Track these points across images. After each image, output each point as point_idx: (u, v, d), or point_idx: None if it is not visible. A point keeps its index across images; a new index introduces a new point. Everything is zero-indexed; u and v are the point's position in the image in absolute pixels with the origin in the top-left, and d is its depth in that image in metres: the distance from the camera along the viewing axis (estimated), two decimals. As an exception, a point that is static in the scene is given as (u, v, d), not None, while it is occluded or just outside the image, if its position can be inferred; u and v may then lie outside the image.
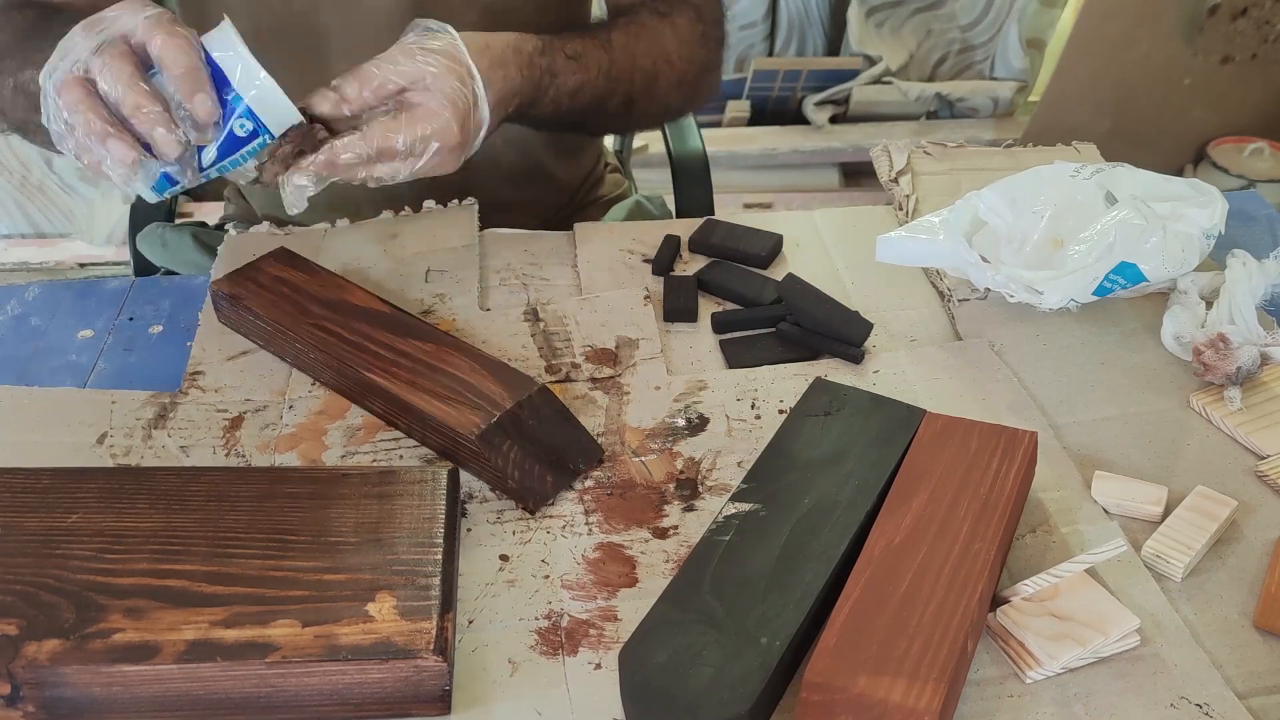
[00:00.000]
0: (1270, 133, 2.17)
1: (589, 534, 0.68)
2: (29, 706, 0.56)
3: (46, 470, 0.66)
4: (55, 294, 0.91)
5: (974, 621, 0.57)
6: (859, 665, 0.54)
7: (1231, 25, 2.02)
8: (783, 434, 0.70)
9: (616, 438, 0.75)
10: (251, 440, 0.75)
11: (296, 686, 0.56)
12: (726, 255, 0.92)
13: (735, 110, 2.42)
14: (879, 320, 0.84)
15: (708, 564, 0.61)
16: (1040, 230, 0.82)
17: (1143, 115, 2.09)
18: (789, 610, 0.58)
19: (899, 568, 0.59)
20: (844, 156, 2.38)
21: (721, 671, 0.55)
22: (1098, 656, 0.59)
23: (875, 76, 2.36)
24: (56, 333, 0.86)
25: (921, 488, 0.64)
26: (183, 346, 0.84)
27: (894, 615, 0.56)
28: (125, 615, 0.57)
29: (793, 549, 0.61)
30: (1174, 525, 0.66)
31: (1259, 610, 0.62)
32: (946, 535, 0.61)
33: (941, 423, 0.68)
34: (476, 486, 0.71)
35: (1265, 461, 0.72)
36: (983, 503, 0.62)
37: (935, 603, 0.57)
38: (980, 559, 0.59)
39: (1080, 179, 0.84)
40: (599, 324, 0.85)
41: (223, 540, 0.61)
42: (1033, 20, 2.38)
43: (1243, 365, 0.75)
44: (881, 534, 0.61)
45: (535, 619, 0.63)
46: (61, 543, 0.60)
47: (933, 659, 0.54)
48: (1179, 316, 0.80)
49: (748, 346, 0.83)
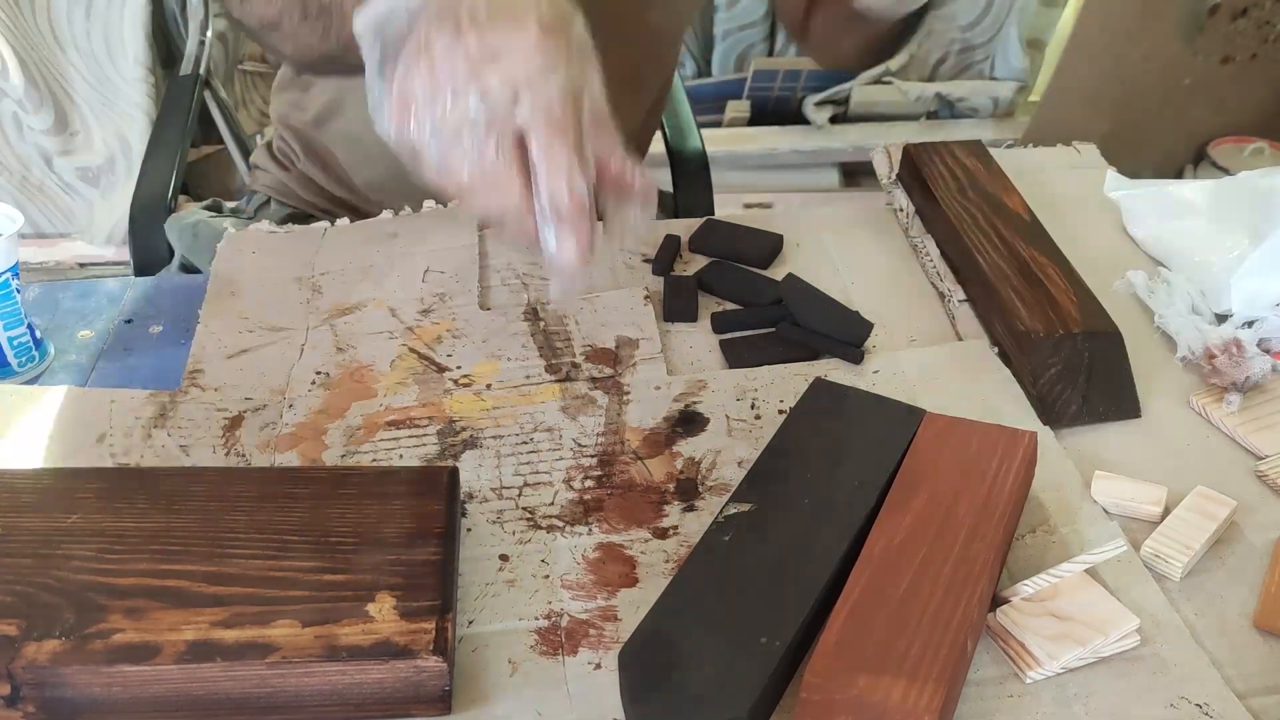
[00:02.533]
0: (1270, 133, 2.17)
1: (589, 534, 0.68)
2: (29, 707, 0.56)
3: (46, 470, 0.66)
4: (55, 294, 0.91)
5: (974, 622, 0.57)
6: (858, 665, 0.54)
7: (1231, 25, 2.02)
8: (782, 434, 0.70)
9: (616, 438, 0.75)
10: (251, 439, 0.75)
11: (296, 687, 0.56)
12: (726, 255, 0.92)
13: (735, 110, 2.42)
14: (879, 320, 0.83)
15: (707, 564, 0.61)
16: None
17: (1143, 115, 2.09)
18: (789, 610, 0.58)
19: (899, 568, 0.59)
20: (844, 156, 2.38)
21: (721, 672, 0.55)
22: (1097, 656, 0.59)
23: (875, 76, 2.36)
24: (56, 333, 0.86)
25: (921, 488, 0.63)
26: (183, 346, 0.84)
27: (893, 615, 0.56)
28: (125, 615, 0.57)
29: (792, 549, 0.61)
30: (1173, 525, 0.66)
31: (1259, 610, 0.62)
32: (946, 536, 0.60)
33: (941, 423, 0.68)
34: (477, 486, 0.71)
35: (1265, 461, 0.72)
36: (982, 503, 0.62)
37: (935, 603, 0.57)
38: (980, 560, 0.59)
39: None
40: (599, 324, 0.85)
41: (223, 540, 0.61)
42: (1033, 20, 2.38)
43: (1252, 375, 0.75)
44: (881, 534, 0.61)
45: (535, 619, 0.63)
46: (61, 543, 0.60)
47: (932, 659, 0.54)
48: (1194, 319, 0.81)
49: (748, 346, 0.83)
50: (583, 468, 0.73)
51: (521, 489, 0.71)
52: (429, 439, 0.75)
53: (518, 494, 0.71)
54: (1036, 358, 0.75)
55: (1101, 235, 0.94)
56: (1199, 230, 0.90)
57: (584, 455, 0.73)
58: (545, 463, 0.73)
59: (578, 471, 0.72)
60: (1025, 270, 0.81)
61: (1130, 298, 0.86)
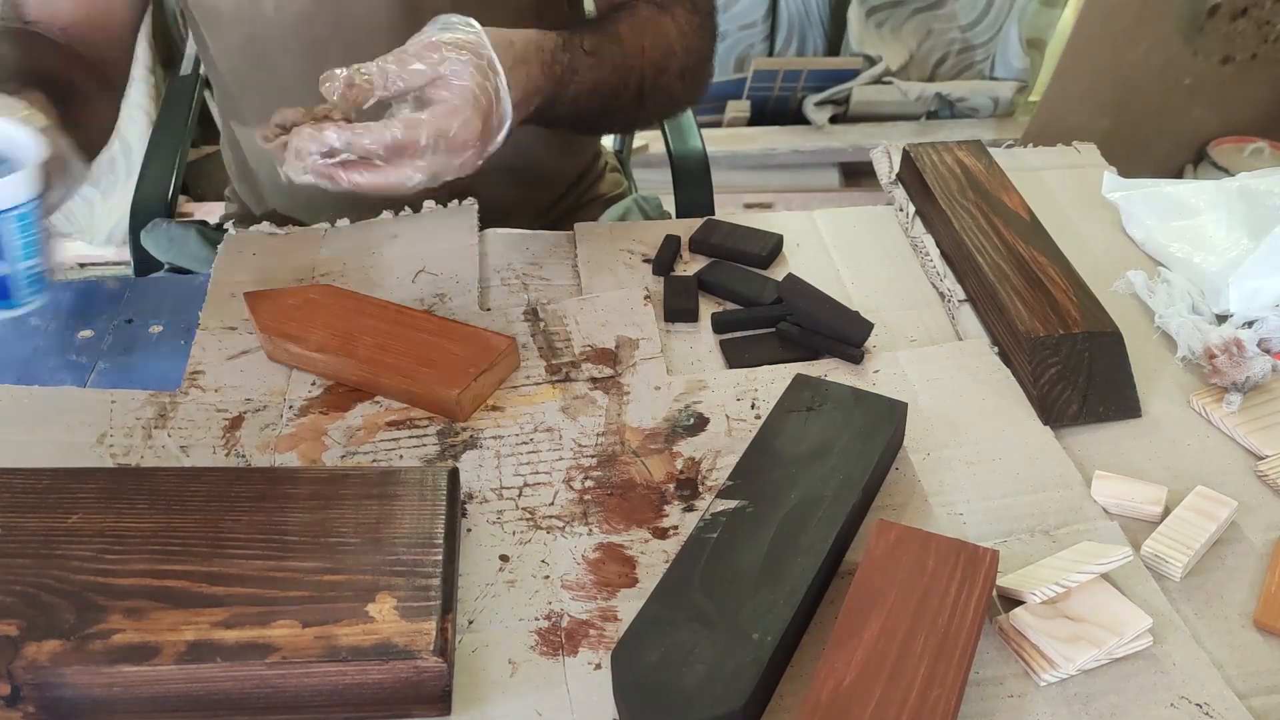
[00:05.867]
0: (1270, 133, 2.16)
1: (589, 534, 0.68)
2: (29, 707, 0.56)
3: (46, 470, 0.66)
4: (55, 294, 0.90)
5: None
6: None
7: (1231, 25, 2.02)
8: (766, 430, 0.70)
9: (616, 438, 0.75)
10: (251, 440, 0.75)
11: (296, 687, 0.56)
12: (727, 255, 0.92)
13: (735, 110, 2.41)
14: (879, 320, 0.83)
15: (697, 562, 0.61)
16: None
17: (1143, 115, 2.09)
18: (779, 605, 0.58)
19: (849, 717, 0.53)
20: (844, 156, 2.38)
21: (714, 668, 0.55)
22: (1111, 658, 0.59)
23: (875, 76, 2.36)
24: (56, 333, 0.86)
25: (874, 615, 0.58)
26: (182, 346, 0.84)
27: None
28: (125, 616, 0.57)
29: (780, 544, 0.62)
30: (1174, 525, 0.66)
31: (1259, 610, 0.62)
32: (902, 678, 0.55)
33: (895, 534, 0.62)
34: (477, 487, 0.71)
35: (1265, 461, 0.72)
36: (941, 638, 0.56)
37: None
38: (940, 709, 0.54)
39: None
40: (599, 324, 0.85)
41: (223, 541, 0.61)
42: (1033, 20, 2.38)
43: (1253, 375, 0.75)
44: (830, 672, 0.55)
45: (535, 619, 0.63)
46: (61, 543, 0.60)
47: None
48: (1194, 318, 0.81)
49: (748, 346, 0.83)
50: (583, 468, 0.73)
51: (521, 489, 0.71)
52: (429, 439, 0.75)
53: (518, 494, 0.71)
54: (1036, 358, 0.75)
55: (1101, 235, 0.94)
56: (1198, 230, 0.90)
57: (584, 455, 0.74)
58: (545, 463, 0.73)
59: (578, 471, 0.72)
60: (1025, 270, 0.81)
61: (1130, 298, 0.86)
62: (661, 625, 0.58)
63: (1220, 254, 0.86)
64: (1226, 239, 0.88)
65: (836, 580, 0.64)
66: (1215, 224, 0.90)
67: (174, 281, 0.95)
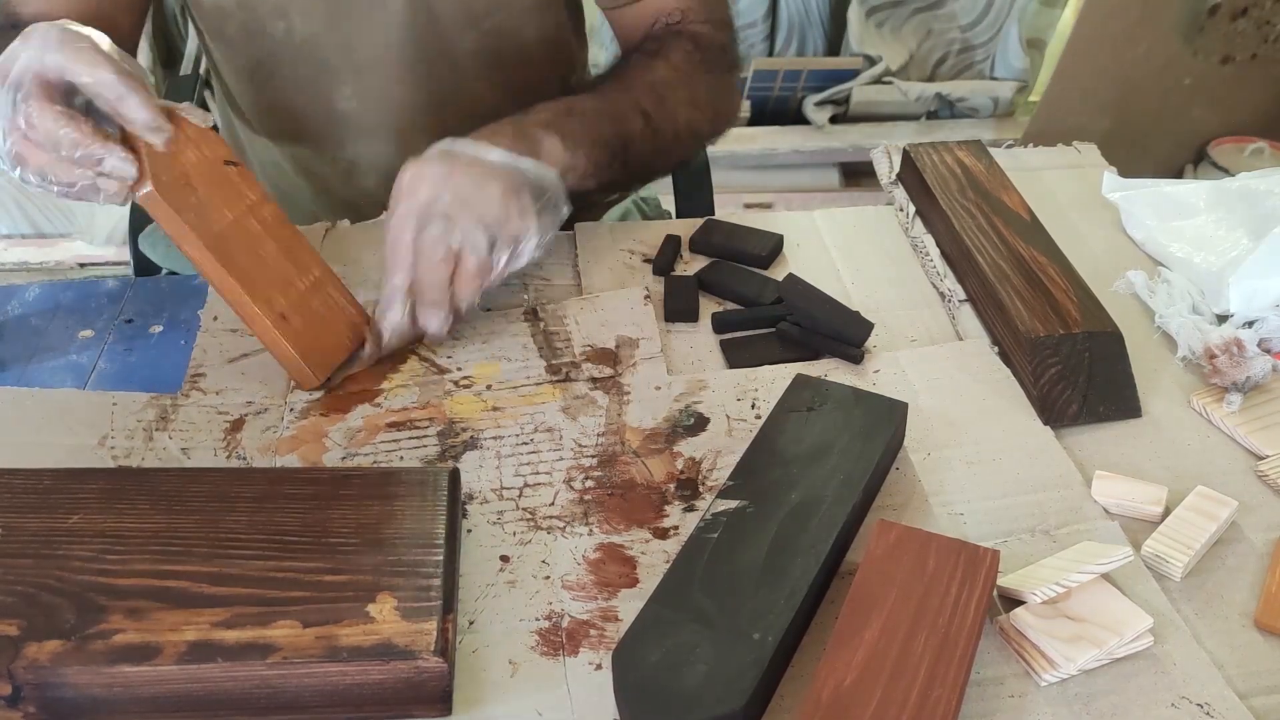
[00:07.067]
0: (1271, 133, 2.16)
1: (589, 534, 0.68)
2: (30, 707, 0.56)
3: (47, 471, 0.66)
4: (55, 294, 0.91)
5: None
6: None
7: (1231, 25, 2.02)
8: (767, 430, 0.70)
9: (616, 438, 0.75)
10: (253, 442, 0.75)
11: (297, 687, 0.56)
12: (727, 255, 0.92)
13: (735, 110, 2.41)
14: (879, 320, 0.83)
15: (697, 562, 0.61)
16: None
17: (1143, 115, 2.09)
18: (780, 605, 0.58)
19: (850, 717, 0.54)
20: (844, 156, 2.38)
21: (715, 669, 0.55)
22: (1112, 658, 0.59)
23: (875, 76, 2.36)
24: (56, 333, 0.86)
25: (874, 615, 0.58)
26: (183, 346, 0.84)
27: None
28: (126, 616, 0.57)
29: (781, 544, 0.62)
30: (1174, 525, 0.66)
31: (1259, 610, 0.62)
32: (902, 678, 0.55)
33: (896, 534, 0.62)
34: (477, 487, 0.71)
35: (1265, 461, 0.72)
36: (941, 638, 0.56)
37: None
38: (940, 709, 0.54)
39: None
40: (599, 324, 0.85)
41: (223, 541, 0.61)
42: (1033, 20, 2.38)
43: (1253, 375, 0.75)
44: (831, 672, 0.55)
45: (536, 620, 0.63)
46: (62, 544, 0.60)
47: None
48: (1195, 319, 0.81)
49: (748, 346, 0.83)
50: (583, 468, 0.73)
51: (522, 490, 0.71)
52: (429, 440, 0.75)
53: (518, 495, 0.71)
54: (1036, 358, 0.75)
55: (1101, 235, 0.94)
56: (1198, 230, 0.90)
57: (584, 455, 0.74)
58: (545, 463, 0.73)
59: (578, 472, 0.72)
60: (1025, 270, 0.81)
61: (1130, 298, 0.86)
62: (662, 625, 0.58)
63: (1220, 254, 0.86)
64: (1226, 239, 0.88)
65: (837, 580, 0.65)
66: (1215, 224, 0.90)
67: (174, 282, 0.95)
